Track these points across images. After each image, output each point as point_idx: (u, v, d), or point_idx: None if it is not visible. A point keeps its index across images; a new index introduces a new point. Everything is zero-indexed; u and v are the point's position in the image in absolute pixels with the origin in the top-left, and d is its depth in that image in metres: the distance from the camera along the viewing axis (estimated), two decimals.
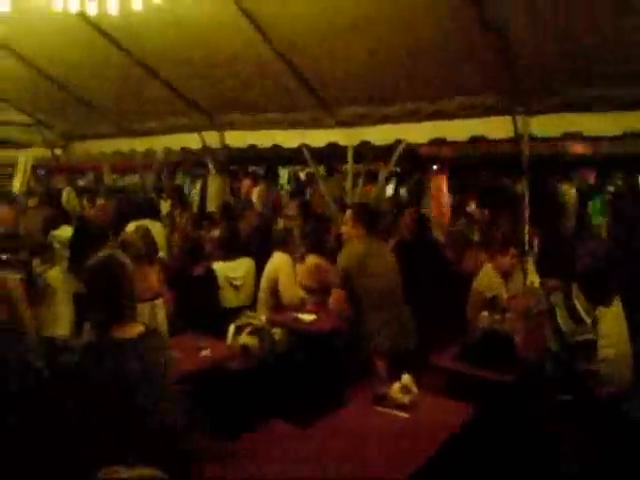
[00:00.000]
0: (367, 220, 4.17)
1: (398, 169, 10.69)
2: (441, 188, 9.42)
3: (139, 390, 2.13)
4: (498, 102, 5.10)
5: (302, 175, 14.18)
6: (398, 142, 6.16)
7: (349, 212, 4.34)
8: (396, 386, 3.05)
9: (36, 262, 4.28)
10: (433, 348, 3.94)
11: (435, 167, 9.71)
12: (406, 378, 3.07)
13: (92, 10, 4.44)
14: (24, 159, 9.59)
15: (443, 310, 4.55)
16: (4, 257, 4.64)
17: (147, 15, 4.48)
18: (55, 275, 4.15)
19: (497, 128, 5.28)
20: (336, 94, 6.00)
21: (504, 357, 3.53)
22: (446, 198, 9.43)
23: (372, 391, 3.12)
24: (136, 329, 2.27)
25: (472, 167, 10.94)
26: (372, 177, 8.09)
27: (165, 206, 9.01)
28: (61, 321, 4.02)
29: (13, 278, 3.59)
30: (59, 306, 4.05)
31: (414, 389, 3.05)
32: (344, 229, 4.38)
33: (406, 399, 2.99)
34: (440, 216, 8.80)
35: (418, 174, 10.44)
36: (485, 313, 4.00)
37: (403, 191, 11.31)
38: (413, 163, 9.76)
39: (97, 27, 5.75)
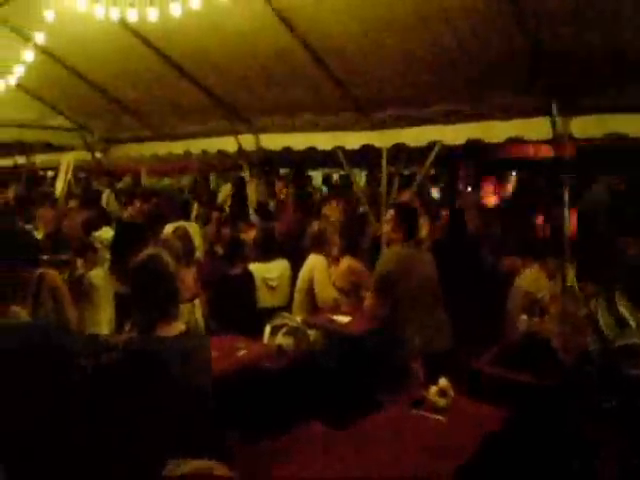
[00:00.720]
0: (409, 222, 4.11)
1: (433, 171, 10.58)
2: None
3: (181, 388, 2.17)
4: (536, 103, 5.01)
5: (336, 177, 14.19)
6: (434, 144, 6.11)
7: (392, 212, 4.24)
8: (433, 389, 3.03)
9: (80, 262, 4.39)
10: (470, 350, 3.90)
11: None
12: (443, 381, 3.05)
13: (132, 17, 4.54)
14: (66, 162, 9.83)
15: (480, 311, 4.50)
16: (45, 257, 4.76)
17: (185, 21, 4.56)
18: (97, 275, 4.25)
19: (535, 129, 5.16)
20: (371, 96, 5.98)
21: (543, 361, 3.47)
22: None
23: (409, 394, 3.11)
24: (178, 328, 2.32)
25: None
26: (407, 179, 8.03)
27: (197, 208, 9.11)
28: (103, 320, 4.12)
29: (56, 275, 3.69)
30: (101, 305, 4.14)
31: (451, 392, 3.02)
32: (385, 229, 4.31)
33: (443, 402, 2.97)
34: None
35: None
36: (524, 316, 3.95)
37: (436, 192, 11.21)
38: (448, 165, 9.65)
39: (137, 33, 5.88)
